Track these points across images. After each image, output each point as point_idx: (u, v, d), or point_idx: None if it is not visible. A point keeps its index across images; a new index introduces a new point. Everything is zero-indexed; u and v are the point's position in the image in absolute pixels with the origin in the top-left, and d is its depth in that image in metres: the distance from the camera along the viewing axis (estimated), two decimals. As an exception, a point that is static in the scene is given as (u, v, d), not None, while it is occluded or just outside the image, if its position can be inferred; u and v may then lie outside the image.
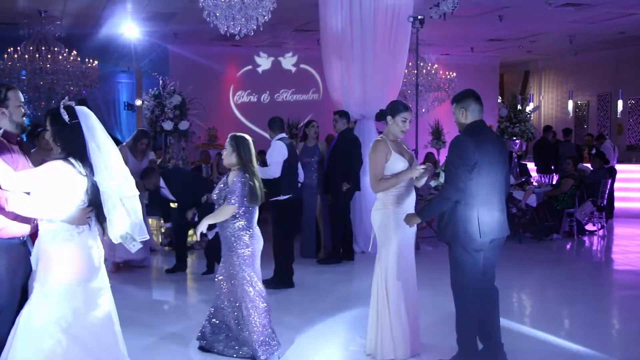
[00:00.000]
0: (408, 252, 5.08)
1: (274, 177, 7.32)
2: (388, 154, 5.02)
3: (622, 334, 6.12)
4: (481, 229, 4.55)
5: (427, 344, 5.29)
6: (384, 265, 5.01)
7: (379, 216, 5.07)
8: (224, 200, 5.04)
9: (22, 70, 13.36)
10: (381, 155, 5.02)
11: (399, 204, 5.02)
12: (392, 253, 4.99)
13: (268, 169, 7.33)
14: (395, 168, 5.02)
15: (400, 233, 4.99)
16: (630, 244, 10.93)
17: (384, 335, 4.99)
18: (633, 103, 16.66)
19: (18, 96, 3.95)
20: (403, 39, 10.00)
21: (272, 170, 7.31)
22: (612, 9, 12.03)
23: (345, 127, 9.12)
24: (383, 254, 5.03)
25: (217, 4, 8.11)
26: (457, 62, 17.60)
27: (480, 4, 11.61)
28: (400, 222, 4.95)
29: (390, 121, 5.12)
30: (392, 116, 5.11)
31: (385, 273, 5.00)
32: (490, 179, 4.60)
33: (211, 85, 16.38)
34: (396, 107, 5.18)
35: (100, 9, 11.91)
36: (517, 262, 8.99)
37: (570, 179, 11.15)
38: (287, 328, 5.89)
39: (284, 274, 7.48)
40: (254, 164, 5.15)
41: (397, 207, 5.01)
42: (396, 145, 5.12)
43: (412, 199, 5.13)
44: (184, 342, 5.53)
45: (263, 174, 7.30)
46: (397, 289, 4.98)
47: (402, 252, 5.01)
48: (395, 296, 4.98)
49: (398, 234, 4.99)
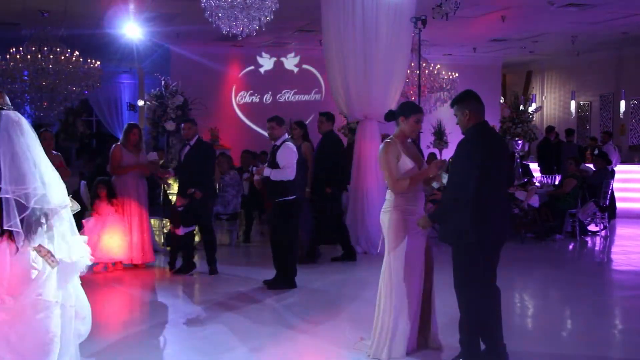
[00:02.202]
0: (417, 254, 5.05)
1: (290, 179, 7.30)
2: (398, 155, 5.00)
3: (624, 334, 6.11)
4: (483, 229, 4.55)
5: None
6: (390, 266, 5.01)
7: (388, 218, 5.05)
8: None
9: (24, 70, 13.37)
10: (392, 157, 4.99)
11: (408, 205, 5.01)
12: (400, 255, 4.99)
13: (284, 171, 7.28)
14: (405, 170, 5.00)
15: (409, 235, 4.99)
16: (632, 245, 10.92)
17: (386, 337, 4.98)
18: (635, 103, 16.64)
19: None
20: (405, 39, 10.00)
21: (289, 172, 7.28)
22: (614, 10, 12.01)
23: (330, 129, 9.10)
24: (391, 255, 5.02)
25: (219, 4, 8.11)
26: (459, 63, 17.58)
27: (483, 4, 11.60)
28: (409, 223, 4.96)
29: (404, 121, 5.08)
30: (406, 116, 5.07)
31: (390, 275, 5.00)
32: (494, 180, 4.61)
33: (213, 86, 16.39)
34: (410, 107, 5.17)
35: (103, 9, 11.91)
36: (519, 263, 8.98)
37: (573, 179, 11.14)
38: (288, 328, 5.89)
39: (287, 274, 7.48)
40: None
41: (406, 209, 5.01)
42: (406, 148, 5.10)
43: (422, 201, 5.13)
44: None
45: (276, 175, 7.30)
46: (402, 292, 4.97)
47: (410, 254, 5.00)
48: (399, 298, 4.97)
49: (407, 236, 4.99)
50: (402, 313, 4.97)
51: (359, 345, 5.31)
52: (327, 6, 9.92)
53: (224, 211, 10.21)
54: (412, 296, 5.00)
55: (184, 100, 12.34)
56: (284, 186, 7.32)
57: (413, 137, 5.18)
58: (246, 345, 5.43)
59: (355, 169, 10.04)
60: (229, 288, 7.55)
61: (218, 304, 6.86)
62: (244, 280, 7.95)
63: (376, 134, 10.08)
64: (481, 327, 4.72)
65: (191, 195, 8.00)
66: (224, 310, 6.58)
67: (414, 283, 5.02)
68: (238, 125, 16.61)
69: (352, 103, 9.93)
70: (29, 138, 3.42)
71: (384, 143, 5.11)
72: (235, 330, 5.87)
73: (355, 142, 10.29)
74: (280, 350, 5.36)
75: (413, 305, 5.01)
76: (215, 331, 5.86)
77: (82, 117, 18.11)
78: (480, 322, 4.70)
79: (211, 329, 5.92)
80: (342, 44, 9.76)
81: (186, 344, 5.55)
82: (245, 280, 7.91)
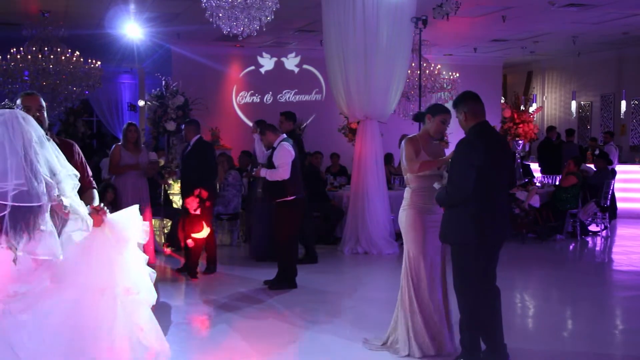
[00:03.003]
0: (434, 253, 5.10)
1: (284, 178, 7.30)
2: (417, 151, 5.05)
3: (625, 334, 6.10)
4: (484, 230, 4.56)
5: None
6: (408, 264, 5.08)
7: (405, 215, 5.12)
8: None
9: (25, 71, 13.36)
10: (410, 149, 5.05)
11: (424, 204, 5.07)
12: (417, 253, 5.05)
13: (277, 170, 7.29)
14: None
15: (427, 233, 5.04)
16: (633, 245, 10.92)
17: (402, 333, 5.06)
18: (636, 103, 16.62)
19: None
20: (406, 39, 9.99)
21: (282, 171, 7.28)
22: (615, 10, 12.00)
23: (291, 128, 9.00)
24: (409, 253, 5.09)
25: (219, 4, 8.10)
26: (460, 63, 17.56)
27: (483, 4, 11.59)
28: (426, 222, 5.03)
29: (430, 120, 5.13)
30: (433, 115, 5.13)
31: (407, 272, 5.08)
32: (494, 180, 4.62)
33: (214, 86, 16.37)
34: (438, 107, 5.24)
35: (103, 9, 11.91)
36: (519, 263, 8.98)
37: (572, 177, 11.13)
38: (289, 328, 5.89)
39: (288, 274, 7.48)
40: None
41: (423, 207, 5.07)
42: (428, 146, 5.14)
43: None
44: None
45: (271, 176, 7.30)
46: (416, 289, 5.03)
47: (427, 252, 5.06)
48: (414, 296, 5.03)
49: (423, 235, 5.04)
50: (414, 310, 5.03)
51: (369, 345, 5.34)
52: (327, 6, 9.92)
53: (224, 211, 10.21)
54: (430, 294, 5.05)
55: (184, 101, 12.32)
56: (282, 186, 7.32)
57: (437, 137, 5.24)
58: (246, 346, 5.44)
59: (356, 169, 10.04)
60: (229, 288, 7.55)
61: (219, 304, 6.86)
62: (244, 280, 7.95)
63: (376, 134, 10.08)
64: (482, 327, 4.72)
65: (199, 195, 7.99)
66: (225, 311, 6.58)
67: (434, 280, 5.07)
68: (239, 125, 16.58)
69: (353, 103, 9.93)
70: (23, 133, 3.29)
71: (407, 138, 5.21)
72: (236, 330, 5.88)
73: (355, 142, 10.31)
74: (282, 350, 5.36)
75: (430, 303, 5.05)
76: (216, 331, 5.87)
77: (83, 118, 18.10)
78: (480, 322, 4.70)
79: (212, 329, 5.92)
80: (343, 44, 9.76)
81: (187, 344, 5.55)
82: (246, 280, 7.91)
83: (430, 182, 5.02)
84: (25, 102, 3.90)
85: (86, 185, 4.00)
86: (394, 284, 5.54)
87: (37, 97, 3.99)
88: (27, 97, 3.96)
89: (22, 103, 3.88)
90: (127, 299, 3.53)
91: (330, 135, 15.30)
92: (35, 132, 3.36)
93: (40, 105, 3.95)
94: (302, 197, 7.63)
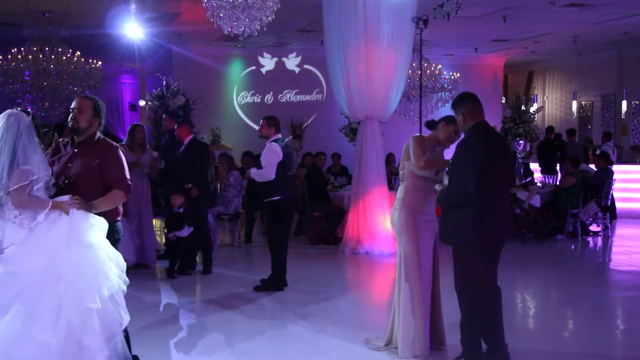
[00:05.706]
0: (425, 253, 5.12)
1: (269, 179, 7.29)
2: (425, 150, 5.06)
3: (626, 334, 6.10)
4: (484, 230, 4.56)
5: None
6: (403, 265, 5.08)
7: (397, 215, 5.14)
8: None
9: (26, 70, 13.38)
10: (419, 146, 5.05)
11: (417, 206, 5.09)
12: (408, 252, 5.06)
13: (263, 171, 7.29)
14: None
15: (419, 233, 5.06)
16: (634, 245, 10.91)
17: (399, 333, 5.08)
18: (637, 103, 16.62)
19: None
20: (407, 39, 9.99)
21: (266, 172, 7.27)
22: (616, 10, 12.00)
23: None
24: (403, 253, 5.10)
25: (220, 4, 8.11)
26: (461, 63, 17.58)
27: (484, 4, 11.59)
28: (418, 222, 5.05)
29: (443, 127, 5.16)
30: (447, 123, 5.14)
31: (399, 272, 5.10)
32: (495, 181, 4.62)
33: (214, 86, 16.39)
34: (454, 118, 5.19)
35: (104, 9, 11.92)
36: (520, 263, 8.98)
37: (572, 177, 11.12)
38: (287, 328, 5.89)
39: (278, 272, 7.45)
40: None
41: (416, 208, 5.09)
42: (433, 150, 5.15)
43: (432, 203, 5.17)
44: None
45: (258, 176, 7.32)
46: (407, 289, 5.04)
47: (419, 252, 5.07)
48: (406, 296, 5.04)
49: (416, 234, 5.06)
50: (407, 311, 5.03)
51: (370, 345, 5.35)
52: (328, 6, 9.92)
53: (225, 211, 10.20)
54: (421, 294, 5.06)
55: (185, 101, 12.35)
56: (269, 187, 7.33)
57: (445, 145, 5.24)
58: (245, 346, 5.44)
59: (357, 169, 10.04)
60: (229, 288, 7.55)
61: (218, 304, 6.87)
62: (244, 280, 7.94)
63: (377, 134, 10.08)
64: (482, 327, 4.72)
65: (188, 191, 8.00)
66: (224, 310, 6.59)
67: (424, 282, 5.08)
68: (239, 125, 16.60)
69: (354, 103, 9.93)
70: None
71: (417, 135, 5.24)
72: (236, 330, 5.88)
73: (356, 142, 10.31)
74: (281, 350, 5.37)
75: (421, 302, 5.05)
76: (216, 331, 5.86)
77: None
78: (481, 322, 4.70)
79: (211, 329, 5.92)
80: (344, 44, 9.76)
81: (187, 344, 5.55)
82: (246, 280, 7.90)
83: (425, 184, 5.07)
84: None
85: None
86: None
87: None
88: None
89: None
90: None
91: (331, 135, 15.32)
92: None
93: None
94: (290, 197, 7.59)
